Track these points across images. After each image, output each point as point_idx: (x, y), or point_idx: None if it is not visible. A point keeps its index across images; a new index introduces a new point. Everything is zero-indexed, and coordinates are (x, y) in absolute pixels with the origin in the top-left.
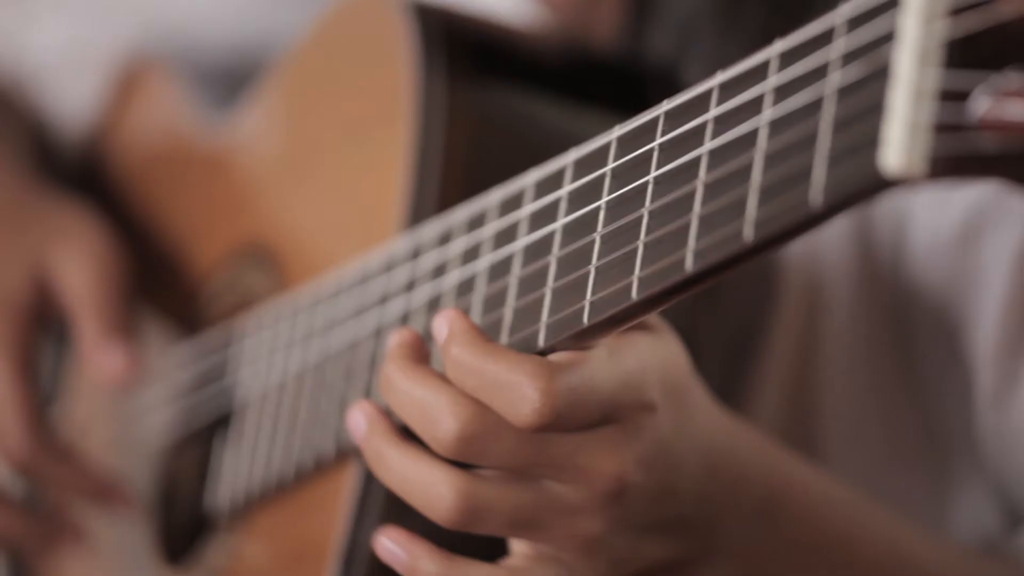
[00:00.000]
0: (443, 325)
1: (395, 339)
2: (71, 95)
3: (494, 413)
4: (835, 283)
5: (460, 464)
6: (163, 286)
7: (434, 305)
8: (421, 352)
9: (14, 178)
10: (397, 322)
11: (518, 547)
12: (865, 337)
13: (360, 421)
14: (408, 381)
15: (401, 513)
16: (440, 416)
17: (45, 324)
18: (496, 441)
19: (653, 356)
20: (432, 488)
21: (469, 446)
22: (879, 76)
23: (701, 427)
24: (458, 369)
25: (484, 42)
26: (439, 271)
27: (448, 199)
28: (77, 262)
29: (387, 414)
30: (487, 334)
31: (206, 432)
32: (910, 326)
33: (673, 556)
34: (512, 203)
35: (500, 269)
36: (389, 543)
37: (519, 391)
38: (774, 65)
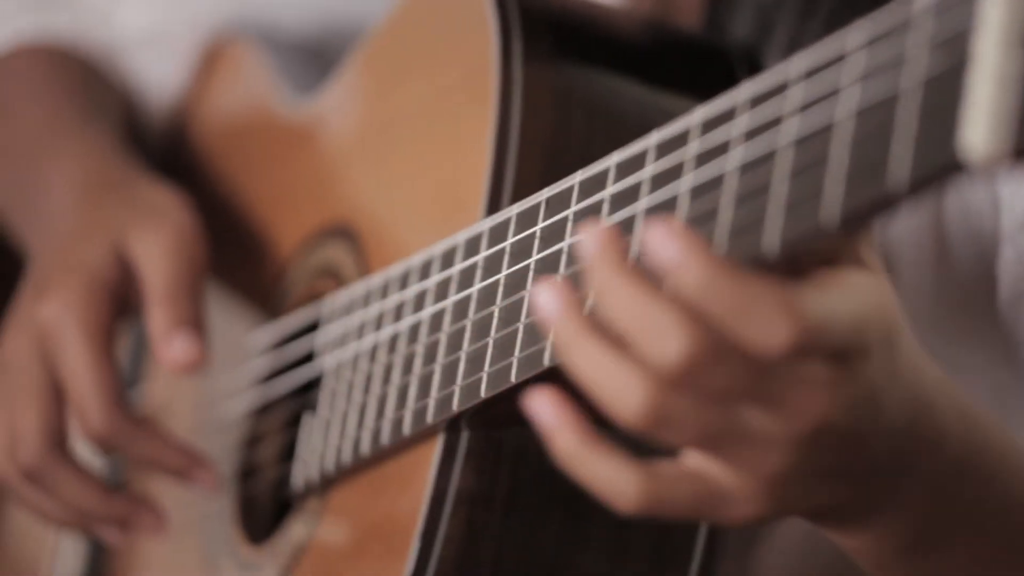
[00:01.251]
0: (667, 240)
1: (597, 238)
2: (156, 73)
3: (725, 339)
4: (911, 268)
5: None
6: (247, 264)
7: (517, 278)
8: (629, 257)
9: (105, 154)
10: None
11: (692, 459)
12: (940, 323)
13: (550, 302)
14: (633, 290)
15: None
16: (668, 334)
17: (127, 303)
18: (721, 367)
19: (877, 298)
20: (624, 386)
21: (692, 368)
22: (962, 61)
23: (908, 379)
24: (702, 289)
25: (567, 20)
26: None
27: (527, 177)
28: (157, 244)
29: (580, 301)
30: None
31: (289, 412)
32: (989, 314)
33: (844, 504)
34: (594, 183)
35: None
36: (542, 402)
37: (769, 321)
38: (857, 51)
